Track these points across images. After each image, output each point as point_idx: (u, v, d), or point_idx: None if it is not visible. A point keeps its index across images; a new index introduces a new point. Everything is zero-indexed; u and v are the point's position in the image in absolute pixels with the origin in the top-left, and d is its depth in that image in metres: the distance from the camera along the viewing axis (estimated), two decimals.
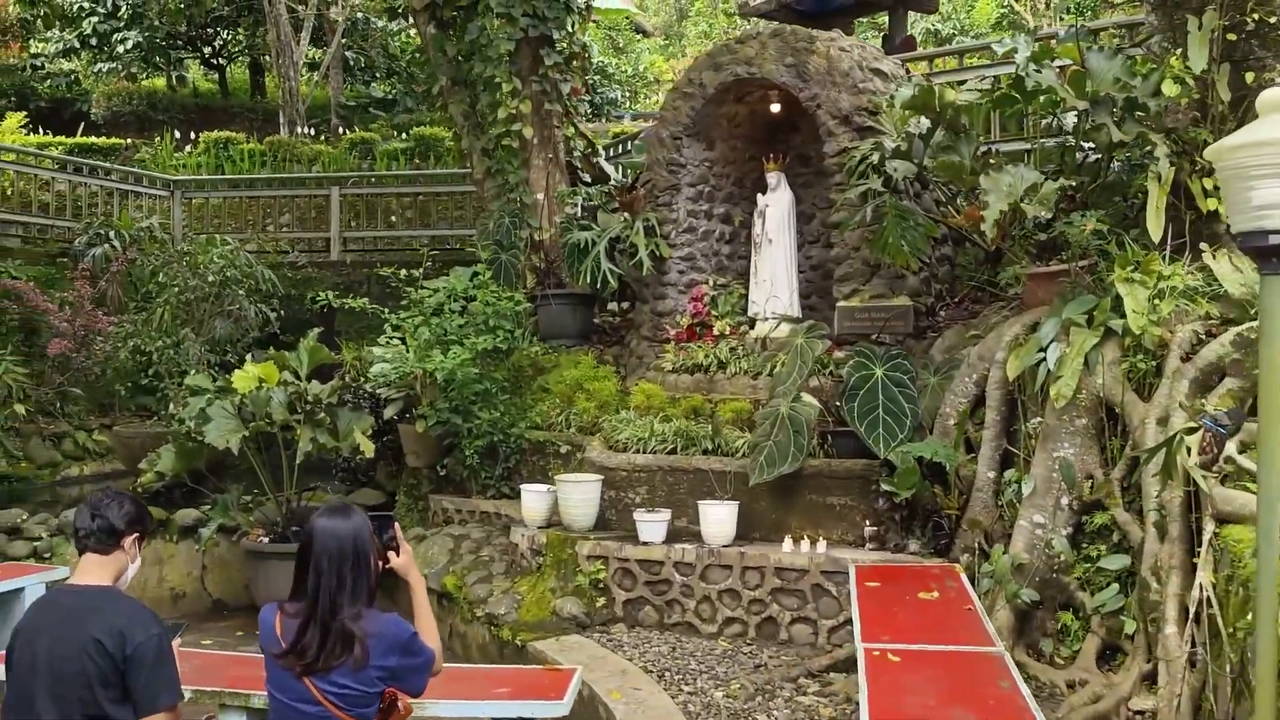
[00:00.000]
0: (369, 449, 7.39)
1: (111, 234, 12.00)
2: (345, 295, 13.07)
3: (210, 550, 7.68)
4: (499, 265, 8.84)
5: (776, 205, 7.80)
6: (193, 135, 18.49)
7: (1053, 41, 5.98)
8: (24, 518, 7.69)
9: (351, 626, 3.18)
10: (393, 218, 14.39)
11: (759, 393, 7.19)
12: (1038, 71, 5.68)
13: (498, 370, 8.15)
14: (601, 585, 6.30)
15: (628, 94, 24.92)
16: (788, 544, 6.14)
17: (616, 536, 6.51)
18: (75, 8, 21.03)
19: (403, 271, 8.53)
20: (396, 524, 3.62)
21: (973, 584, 5.36)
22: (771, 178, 7.86)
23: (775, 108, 7.95)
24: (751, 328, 7.88)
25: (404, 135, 19.18)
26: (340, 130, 20.53)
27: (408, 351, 8.47)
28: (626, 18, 29.07)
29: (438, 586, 6.99)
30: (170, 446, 7.43)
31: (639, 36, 29.61)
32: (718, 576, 6.11)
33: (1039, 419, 5.58)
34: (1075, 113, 6.20)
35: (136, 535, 3.35)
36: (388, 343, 8.88)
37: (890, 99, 6.60)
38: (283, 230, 14.18)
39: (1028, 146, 7.49)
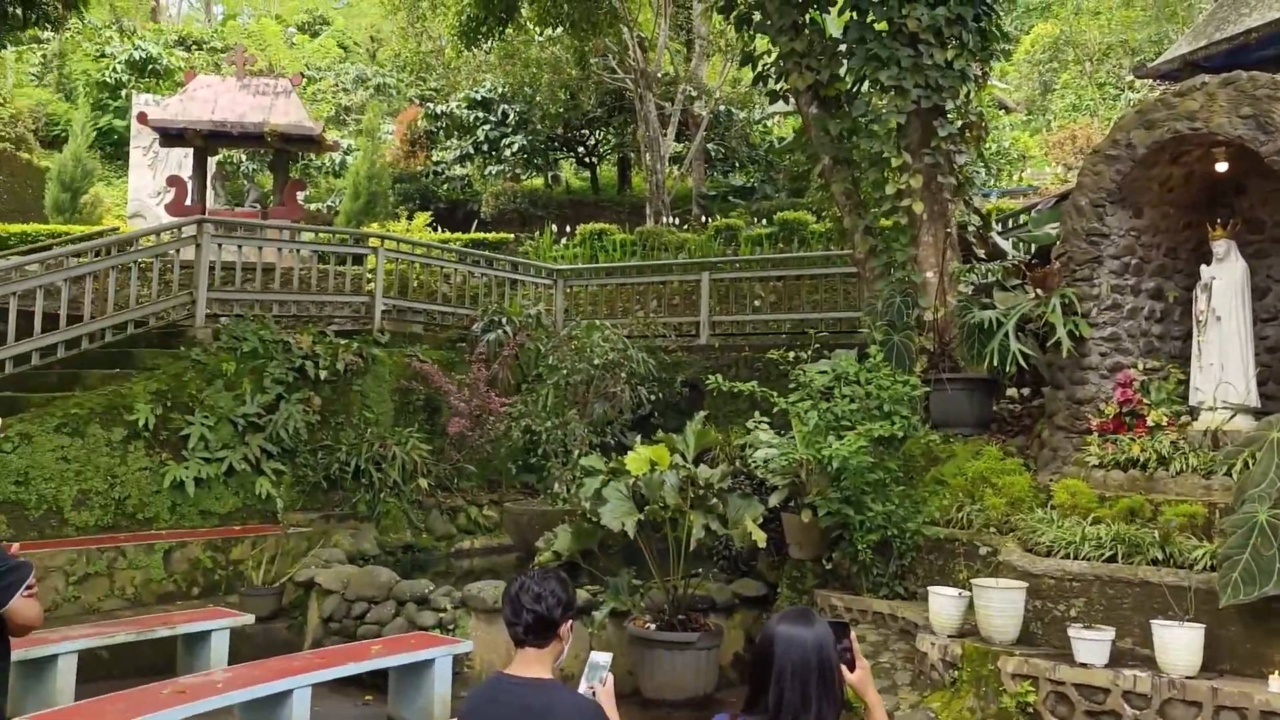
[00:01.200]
0: (761, 539, 7.06)
1: (504, 320, 12.80)
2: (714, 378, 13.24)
3: (597, 633, 7.63)
4: (891, 347, 8.34)
5: (1226, 278, 6.75)
6: (568, 228, 19.72)
7: None
8: (431, 589, 8.05)
9: None
10: (756, 302, 14.35)
11: (1213, 494, 6.13)
12: None
13: (891, 459, 7.60)
14: (1031, 710, 5.50)
15: (993, 172, 23.81)
16: (1274, 682, 5.04)
17: (1046, 654, 5.68)
18: (471, 118, 23.31)
19: (790, 354, 8.26)
20: (852, 633, 3.18)
21: None
22: (1219, 246, 6.83)
23: (1221, 166, 6.94)
24: (1193, 418, 6.81)
25: (765, 221, 19.35)
26: (703, 219, 21.09)
27: (783, 436, 8.19)
28: (989, 93, 27.96)
29: None
30: (567, 526, 7.51)
31: (1001, 112, 28.33)
32: (1181, 714, 5.12)
33: None
34: None
35: (570, 621, 3.19)
36: (755, 427, 8.63)
37: None
38: (650, 315, 14.55)
39: None
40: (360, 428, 11.27)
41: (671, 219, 20.67)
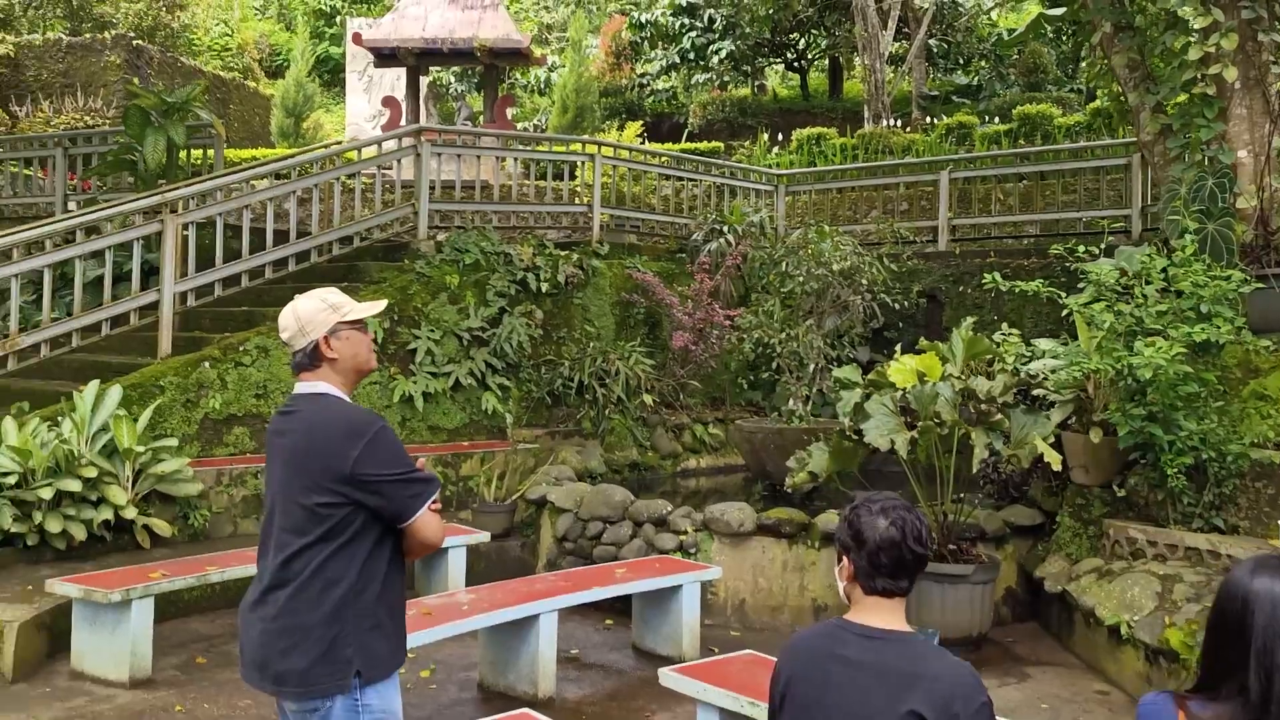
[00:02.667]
0: (1055, 460, 6.12)
1: (725, 228, 12.06)
2: (955, 287, 12.10)
3: None
4: (1205, 238, 7.07)
5: None
6: (779, 136, 18.69)
7: None
8: (669, 509, 7.52)
9: None
10: (995, 205, 13.02)
11: None
12: None
13: (1207, 370, 6.44)
14: None
15: None
16: None
17: None
18: (677, 25, 22.41)
19: (1080, 248, 7.15)
20: None
21: None
22: None
23: None
24: None
25: (998, 119, 17.71)
26: (925, 121, 19.58)
27: (1062, 344, 7.16)
28: None
29: (1152, 640, 5.53)
30: (823, 445, 6.78)
31: None
32: None
33: None
34: None
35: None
36: (1004, 341, 7.61)
37: None
38: (874, 221, 13.49)
39: None
40: (582, 342, 10.88)
41: (892, 122, 19.25)
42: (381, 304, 3.13)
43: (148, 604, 5.72)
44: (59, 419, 7.58)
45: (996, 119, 17.95)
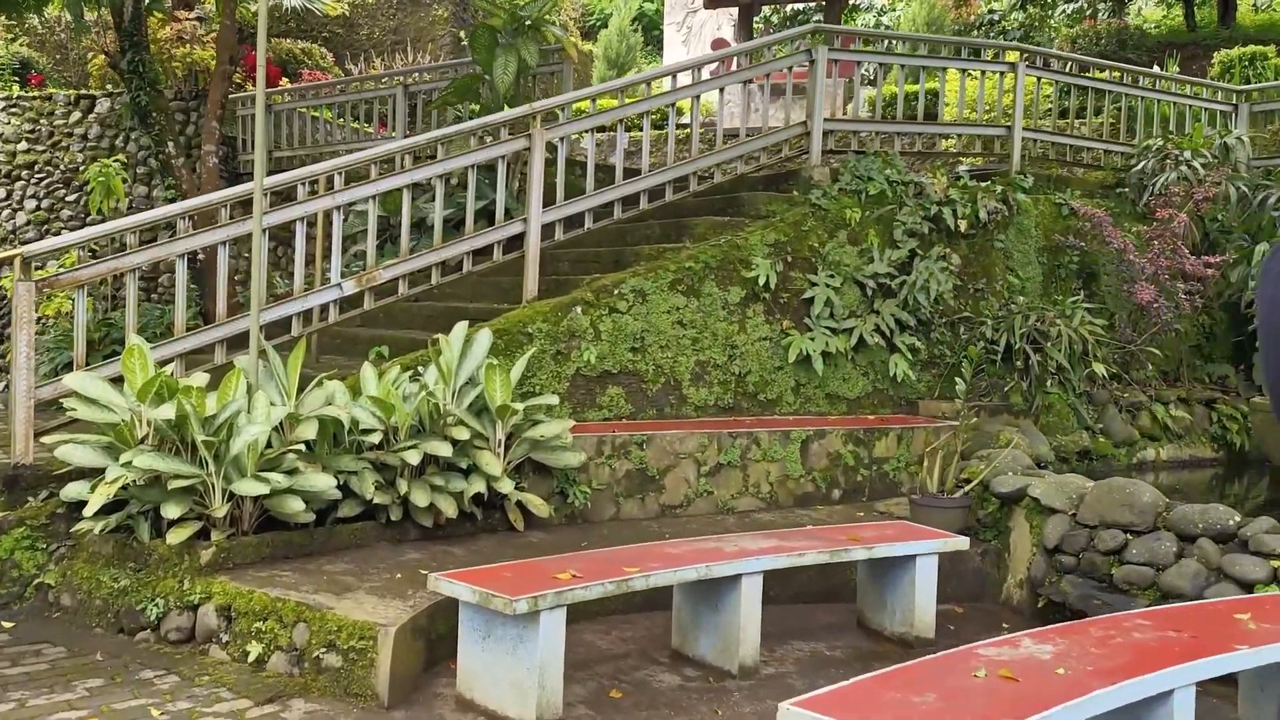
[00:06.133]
0: None
1: (1187, 155, 9.36)
2: None
3: None
4: None
5: None
6: (1175, 70, 15.48)
7: None
8: (1235, 519, 5.19)
9: None
10: None
11: None
12: None
13: None
14: None
15: None
16: None
17: None
18: None
19: None
20: None
21: None
22: None
23: None
24: None
25: None
26: None
27: None
28: None
29: None
30: None
31: None
32: None
33: None
34: None
35: None
36: None
37: None
38: None
39: None
40: (1003, 295, 8.64)
41: None
42: None
43: (559, 617, 4.10)
44: (419, 369, 6.26)
45: None
